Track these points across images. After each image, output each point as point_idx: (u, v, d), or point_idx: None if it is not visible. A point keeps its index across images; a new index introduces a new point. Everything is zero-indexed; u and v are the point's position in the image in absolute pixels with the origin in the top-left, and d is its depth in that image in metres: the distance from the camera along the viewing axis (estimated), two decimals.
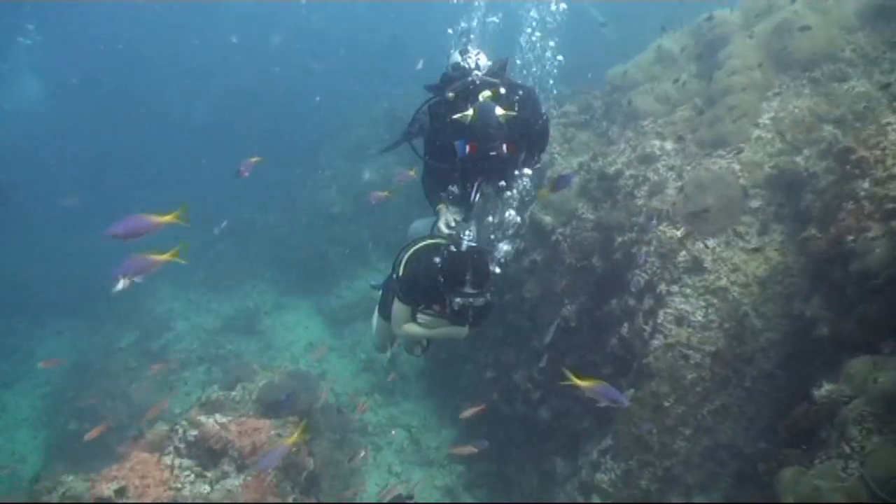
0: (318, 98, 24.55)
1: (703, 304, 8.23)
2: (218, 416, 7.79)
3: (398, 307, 6.63)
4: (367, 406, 11.88)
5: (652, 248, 8.57)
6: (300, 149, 22.11)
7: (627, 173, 9.43)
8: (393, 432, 12.53)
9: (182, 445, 7.48)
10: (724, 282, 8.26)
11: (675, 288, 8.34)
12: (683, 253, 8.38)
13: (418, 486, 11.19)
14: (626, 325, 8.72)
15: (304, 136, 22.98)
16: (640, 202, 9.02)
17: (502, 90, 6.98)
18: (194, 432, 7.48)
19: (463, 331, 6.60)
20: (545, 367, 10.14)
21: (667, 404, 8.16)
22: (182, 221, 6.05)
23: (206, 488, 6.98)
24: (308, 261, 17.74)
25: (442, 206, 7.34)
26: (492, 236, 7.72)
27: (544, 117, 7.41)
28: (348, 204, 18.39)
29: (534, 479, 10.14)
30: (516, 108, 6.90)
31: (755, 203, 8.54)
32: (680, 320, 8.24)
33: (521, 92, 7.20)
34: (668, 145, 9.31)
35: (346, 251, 17.47)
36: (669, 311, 8.30)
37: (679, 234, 8.47)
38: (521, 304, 10.73)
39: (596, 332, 9.45)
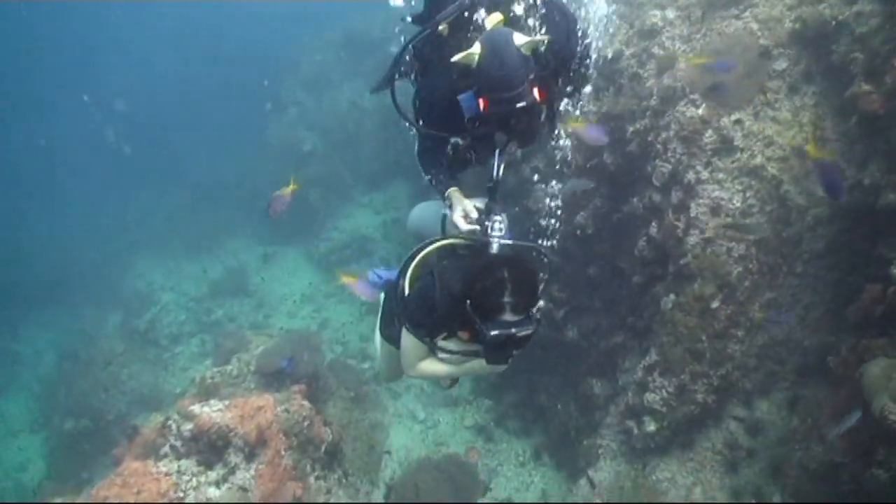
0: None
1: (739, 187, 7.24)
2: (213, 403, 6.81)
3: (409, 342, 4.32)
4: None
5: (671, 134, 7.49)
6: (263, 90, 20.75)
7: (628, 52, 8.26)
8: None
9: (178, 443, 6.52)
10: (759, 159, 7.24)
11: (705, 174, 7.32)
12: (709, 133, 7.32)
13: (447, 428, 10.35)
14: (653, 224, 7.71)
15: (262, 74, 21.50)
16: (648, 83, 7.89)
17: (517, 6, 4.51)
18: (189, 426, 6.50)
19: (501, 367, 4.33)
20: (565, 283, 9.16)
21: (714, 306, 7.23)
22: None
23: (214, 490, 6.05)
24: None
25: (454, 191, 4.60)
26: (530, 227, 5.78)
27: (581, 33, 4.92)
28: (319, 139, 17.15)
29: (570, 405, 9.27)
30: (543, 30, 4.52)
31: (780, 64, 7.44)
32: (716, 210, 7.24)
33: (541, 3, 4.63)
34: (671, 14, 8.11)
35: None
36: (703, 201, 7.29)
37: (700, 112, 7.38)
38: (530, 218, 9.68)
39: (617, 236, 8.44)
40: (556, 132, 4.88)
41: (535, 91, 4.09)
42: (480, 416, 10.52)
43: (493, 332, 3.55)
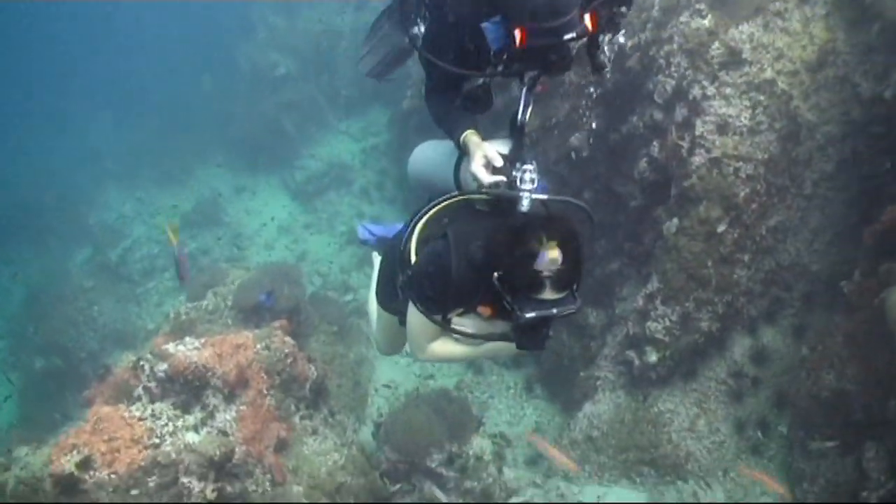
0: None
1: (747, 103, 6.78)
2: (189, 341, 6.33)
3: (417, 320, 3.51)
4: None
5: (675, 47, 6.96)
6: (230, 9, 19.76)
7: None
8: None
9: (153, 385, 6.04)
10: (768, 73, 6.76)
11: (711, 90, 6.82)
12: (716, 45, 6.80)
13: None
14: (655, 143, 7.23)
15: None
16: None
17: None
18: (163, 366, 6.03)
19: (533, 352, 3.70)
20: None
21: (720, 230, 6.83)
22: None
23: (192, 435, 5.61)
24: (261, 135, 15.89)
25: (471, 134, 3.57)
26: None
27: None
28: (293, 62, 16.36)
29: (563, 335, 8.90)
30: None
31: None
32: (723, 127, 6.78)
33: None
34: None
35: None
36: (709, 118, 6.82)
37: (706, 23, 6.84)
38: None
39: (614, 158, 7.95)
40: (606, 69, 3.88)
41: (588, 17, 3.14)
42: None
43: (530, 314, 2.87)
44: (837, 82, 6.84)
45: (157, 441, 5.45)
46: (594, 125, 7.78)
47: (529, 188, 3.20)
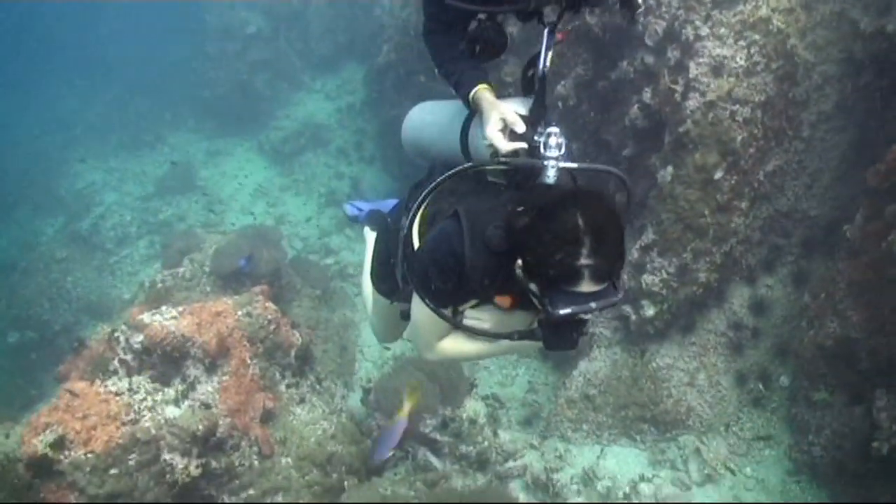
0: None
1: (743, 43, 6.46)
2: (165, 310, 6.01)
3: (423, 314, 2.93)
4: None
5: None
6: None
7: None
8: None
9: (129, 357, 5.74)
10: (763, 11, 6.44)
11: (704, 30, 6.50)
12: None
13: None
14: (647, 89, 6.90)
15: None
16: None
17: None
18: (139, 338, 5.72)
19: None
20: None
21: (717, 176, 6.56)
22: None
23: (173, 409, 5.33)
24: (232, 96, 15.40)
25: (483, 90, 2.97)
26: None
27: None
28: (263, 20, 15.80)
29: None
30: None
31: None
32: (718, 69, 6.48)
33: None
34: None
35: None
36: (703, 60, 6.50)
37: None
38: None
39: (603, 106, 7.62)
40: (640, 9, 3.49)
41: None
42: None
43: (564, 311, 2.31)
44: (835, 18, 6.57)
45: (135, 417, 5.17)
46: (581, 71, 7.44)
47: (556, 155, 2.63)
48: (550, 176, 2.59)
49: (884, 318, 5.83)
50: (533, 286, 2.42)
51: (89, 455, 4.90)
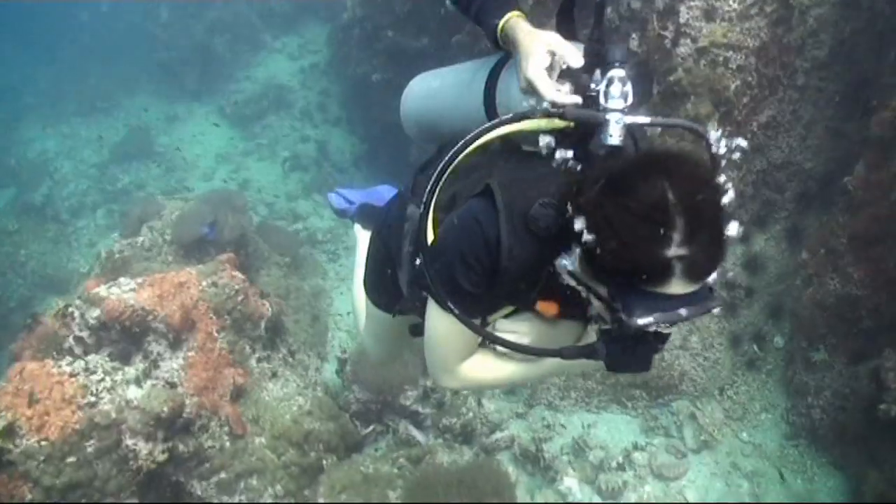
0: None
1: None
2: (123, 282, 5.55)
3: (445, 326, 2.14)
4: None
5: None
6: None
7: None
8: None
9: (85, 334, 5.29)
10: None
11: None
12: None
13: None
14: (634, 36, 6.50)
15: None
16: None
17: None
18: (95, 312, 5.26)
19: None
20: None
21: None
22: None
23: (134, 390, 4.88)
24: (191, 59, 14.76)
25: (517, 19, 2.16)
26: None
27: None
28: None
29: None
30: None
31: None
32: (710, 13, 6.08)
33: None
34: None
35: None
36: (694, 3, 6.09)
37: None
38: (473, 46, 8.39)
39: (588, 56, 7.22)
40: None
41: None
42: None
43: (645, 319, 1.62)
44: None
45: (92, 399, 4.71)
46: None
47: (622, 107, 1.86)
48: (614, 135, 1.82)
49: (888, 274, 5.55)
50: (597, 286, 1.75)
51: (43, 443, 4.45)
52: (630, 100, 1.88)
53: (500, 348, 2.15)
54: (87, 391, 4.70)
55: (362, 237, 3.51)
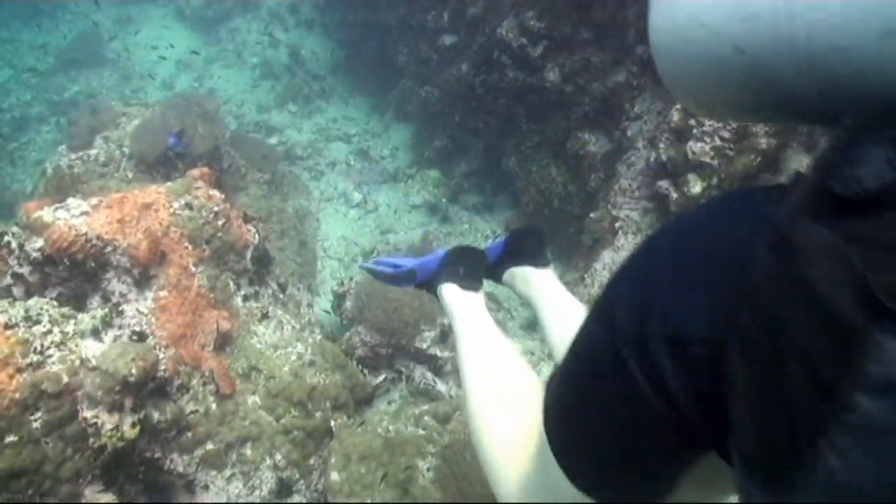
0: None
1: None
2: (73, 204, 4.36)
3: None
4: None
5: None
6: None
7: None
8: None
9: (25, 271, 4.13)
10: None
11: None
12: None
13: (390, 210, 8.25)
14: None
15: None
16: None
17: None
18: (38, 243, 4.09)
19: None
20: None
21: None
22: None
23: (92, 343, 3.75)
24: None
25: None
26: None
27: None
28: None
29: (551, 169, 7.24)
30: None
31: None
32: None
33: None
34: None
35: None
36: None
37: None
38: None
39: None
40: None
41: None
42: (428, 191, 8.40)
43: None
44: None
45: (37, 358, 3.56)
46: None
47: None
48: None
49: None
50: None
51: None
52: None
53: None
54: (28, 347, 3.55)
55: (465, 324, 2.11)
